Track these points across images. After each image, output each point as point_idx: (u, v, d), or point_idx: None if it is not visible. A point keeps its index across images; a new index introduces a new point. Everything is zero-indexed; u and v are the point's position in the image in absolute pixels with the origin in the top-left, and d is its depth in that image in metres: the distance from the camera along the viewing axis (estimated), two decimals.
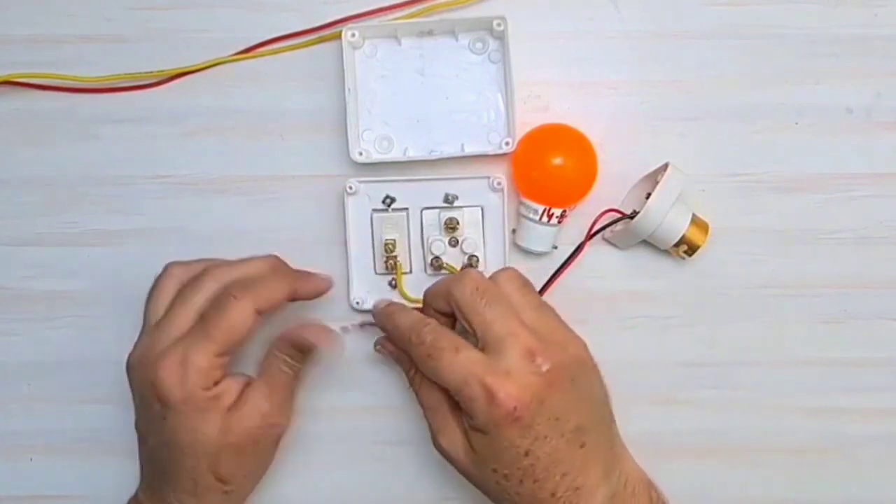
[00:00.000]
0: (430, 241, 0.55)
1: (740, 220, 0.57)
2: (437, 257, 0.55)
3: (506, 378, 0.46)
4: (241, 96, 0.57)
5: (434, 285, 0.51)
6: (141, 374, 0.50)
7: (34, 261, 0.58)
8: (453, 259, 0.56)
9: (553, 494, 0.47)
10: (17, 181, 0.58)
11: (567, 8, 0.57)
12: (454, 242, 0.55)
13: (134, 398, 0.51)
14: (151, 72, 0.57)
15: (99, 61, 0.57)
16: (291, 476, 0.57)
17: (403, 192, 0.55)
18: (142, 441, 0.52)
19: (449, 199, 0.55)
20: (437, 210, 0.55)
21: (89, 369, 0.58)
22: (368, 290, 0.56)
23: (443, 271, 0.56)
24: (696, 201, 0.55)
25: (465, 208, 0.55)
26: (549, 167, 0.54)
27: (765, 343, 0.57)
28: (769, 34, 0.57)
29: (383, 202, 0.55)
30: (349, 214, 0.55)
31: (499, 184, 0.55)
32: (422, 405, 0.51)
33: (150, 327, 0.51)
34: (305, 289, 0.53)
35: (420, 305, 0.53)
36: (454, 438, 0.49)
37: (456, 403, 0.48)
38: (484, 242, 0.56)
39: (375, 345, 0.54)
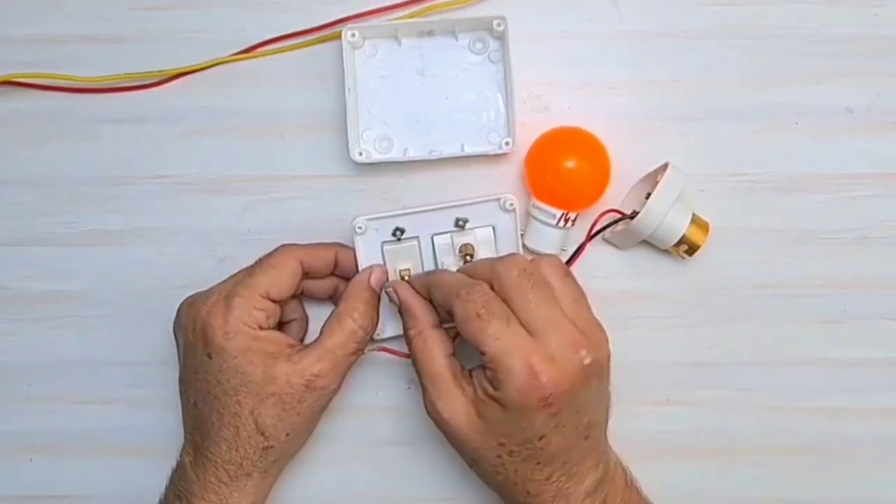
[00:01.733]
0: (444, 266, 0.54)
1: (740, 220, 0.57)
2: None
3: (551, 363, 0.46)
4: (241, 96, 0.57)
5: (474, 263, 0.51)
6: (187, 315, 0.51)
7: (34, 261, 0.58)
8: None
9: (548, 478, 0.48)
10: (17, 181, 0.58)
11: (567, 8, 0.57)
12: (468, 262, 0.54)
13: (179, 349, 0.53)
14: (151, 72, 0.57)
15: (99, 61, 0.57)
16: (291, 476, 0.57)
17: (412, 222, 0.54)
18: (186, 394, 0.52)
19: (459, 224, 0.54)
20: (449, 234, 0.55)
21: (89, 369, 0.58)
22: (386, 318, 0.55)
23: None
24: (696, 201, 0.55)
25: (476, 229, 0.54)
26: (566, 172, 0.54)
27: (765, 343, 0.57)
28: (769, 34, 0.57)
29: (393, 234, 0.54)
30: (360, 252, 0.54)
31: (510, 205, 0.54)
32: (420, 369, 0.50)
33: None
34: (348, 256, 0.54)
35: None
36: (456, 406, 0.48)
37: (460, 371, 0.49)
38: None
39: (387, 287, 0.52)
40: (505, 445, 0.48)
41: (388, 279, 0.54)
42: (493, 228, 0.55)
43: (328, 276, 0.55)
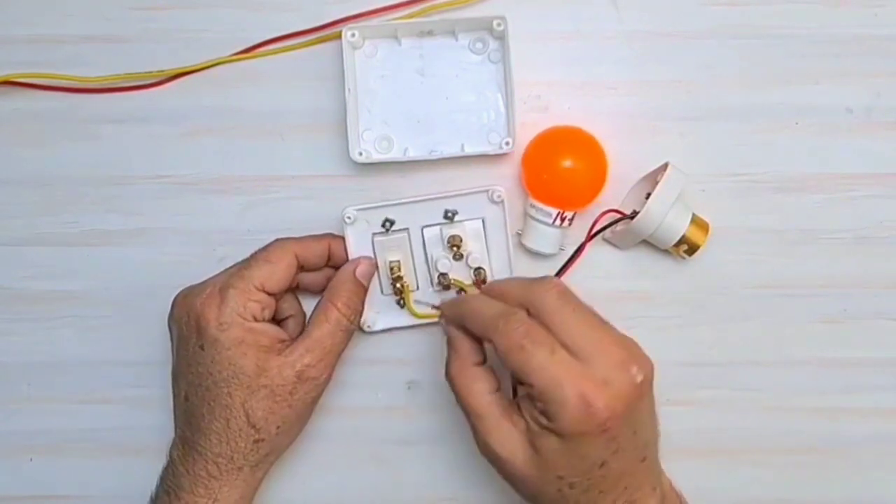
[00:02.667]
0: (434, 258, 0.55)
1: (740, 220, 0.57)
2: (443, 274, 0.55)
3: (604, 387, 0.44)
4: (241, 96, 0.57)
5: (503, 285, 0.49)
6: (182, 306, 0.51)
7: (34, 261, 0.58)
8: (459, 273, 0.55)
9: None
10: (17, 181, 0.58)
11: (567, 8, 0.57)
12: (458, 256, 0.55)
13: (172, 342, 0.53)
14: (151, 72, 0.57)
15: (99, 61, 0.57)
16: (291, 476, 0.57)
17: (402, 213, 0.55)
18: (177, 387, 0.52)
19: (449, 215, 0.55)
20: (438, 226, 0.55)
21: (89, 369, 0.58)
22: (377, 311, 0.56)
23: (451, 289, 0.55)
24: (696, 201, 0.55)
25: (466, 222, 0.55)
26: (563, 170, 0.54)
27: (765, 343, 0.57)
28: (769, 34, 0.57)
29: (382, 226, 0.55)
30: (350, 243, 0.55)
31: (499, 196, 0.54)
32: (465, 407, 0.48)
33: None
34: (340, 246, 0.55)
35: (428, 321, 0.54)
36: (510, 442, 0.46)
37: (508, 405, 0.47)
38: (488, 253, 0.55)
39: (440, 318, 0.51)
40: (564, 479, 0.46)
41: (375, 269, 0.55)
42: (483, 221, 0.55)
43: (322, 268, 0.55)
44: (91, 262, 0.58)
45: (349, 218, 0.54)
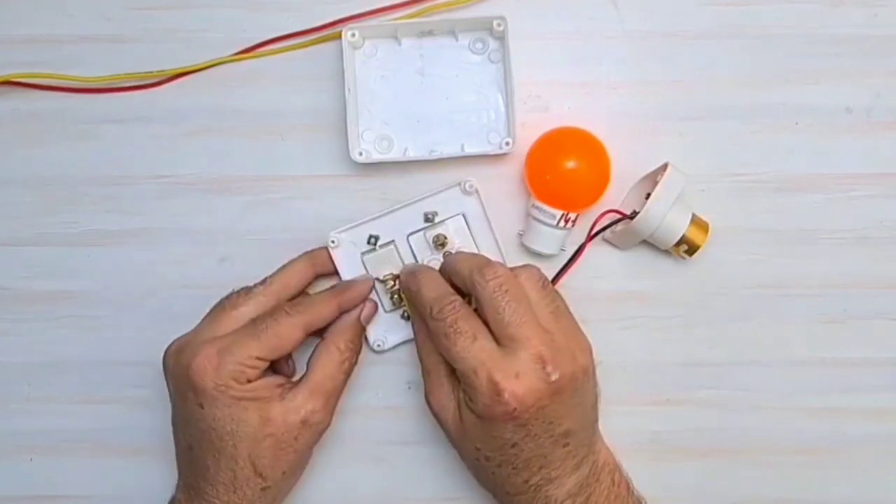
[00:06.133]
0: (426, 263, 0.55)
1: (740, 220, 0.57)
2: None
3: (514, 379, 0.46)
4: (241, 96, 0.57)
5: (458, 261, 0.51)
6: (176, 360, 0.51)
7: (34, 261, 0.58)
8: None
9: (526, 482, 0.49)
10: (17, 181, 0.58)
11: (567, 8, 0.57)
12: (448, 255, 0.55)
13: (170, 391, 0.52)
14: (151, 72, 0.57)
15: (99, 61, 0.57)
16: None
17: (384, 226, 0.55)
18: (179, 437, 0.52)
19: (429, 218, 0.55)
20: (422, 231, 0.55)
21: (89, 369, 0.58)
22: (385, 328, 0.56)
23: None
24: (696, 201, 0.55)
25: (447, 220, 0.55)
26: (567, 172, 0.54)
27: (765, 343, 0.57)
28: (769, 34, 0.57)
29: (368, 243, 0.55)
30: (340, 266, 0.55)
31: (471, 187, 0.55)
32: (420, 361, 0.52)
33: (195, 328, 0.52)
34: (350, 299, 0.54)
35: None
36: (445, 404, 0.50)
37: (454, 371, 0.49)
38: (476, 246, 0.55)
39: (404, 273, 0.54)
40: (481, 450, 0.49)
41: (376, 310, 0.55)
42: (464, 216, 0.55)
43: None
44: (91, 262, 0.58)
45: (333, 242, 0.55)
